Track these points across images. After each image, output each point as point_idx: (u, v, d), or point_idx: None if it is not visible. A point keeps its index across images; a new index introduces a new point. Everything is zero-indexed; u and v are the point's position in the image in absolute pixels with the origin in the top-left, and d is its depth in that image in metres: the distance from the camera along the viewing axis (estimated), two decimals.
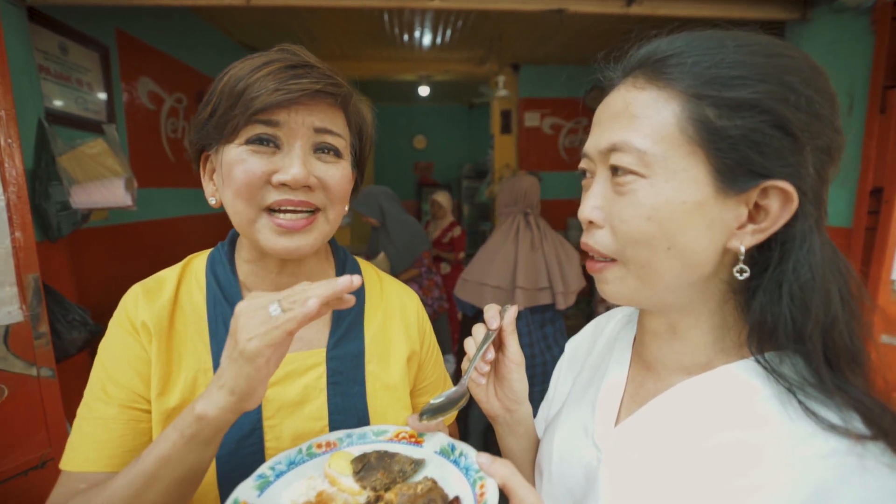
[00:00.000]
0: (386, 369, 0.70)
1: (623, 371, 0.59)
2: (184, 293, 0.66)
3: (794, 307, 0.43)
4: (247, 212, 0.57)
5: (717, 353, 0.50)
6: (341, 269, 0.74)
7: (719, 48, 0.43)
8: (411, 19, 3.37)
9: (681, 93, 0.44)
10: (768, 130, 0.42)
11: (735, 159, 0.42)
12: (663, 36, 0.48)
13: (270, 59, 0.57)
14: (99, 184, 1.72)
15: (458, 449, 0.52)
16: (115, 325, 0.63)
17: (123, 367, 0.60)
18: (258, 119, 0.55)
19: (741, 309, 0.48)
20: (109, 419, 0.58)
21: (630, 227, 0.45)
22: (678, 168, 0.43)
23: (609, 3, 1.75)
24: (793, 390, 0.43)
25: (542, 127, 4.54)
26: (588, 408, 0.60)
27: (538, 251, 1.97)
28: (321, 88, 0.56)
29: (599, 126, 0.50)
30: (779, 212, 0.43)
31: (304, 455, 0.53)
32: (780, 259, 0.44)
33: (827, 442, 0.40)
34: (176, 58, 2.91)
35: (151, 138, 2.69)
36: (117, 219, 2.31)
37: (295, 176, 0.55)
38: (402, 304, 0.77)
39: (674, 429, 0.49)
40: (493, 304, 0.61)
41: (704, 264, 0.46)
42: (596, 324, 0.75)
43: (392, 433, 0.57)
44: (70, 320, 1.56)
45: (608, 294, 0.52)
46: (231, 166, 0.56)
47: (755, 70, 0.42)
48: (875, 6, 1.65)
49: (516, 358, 0.60)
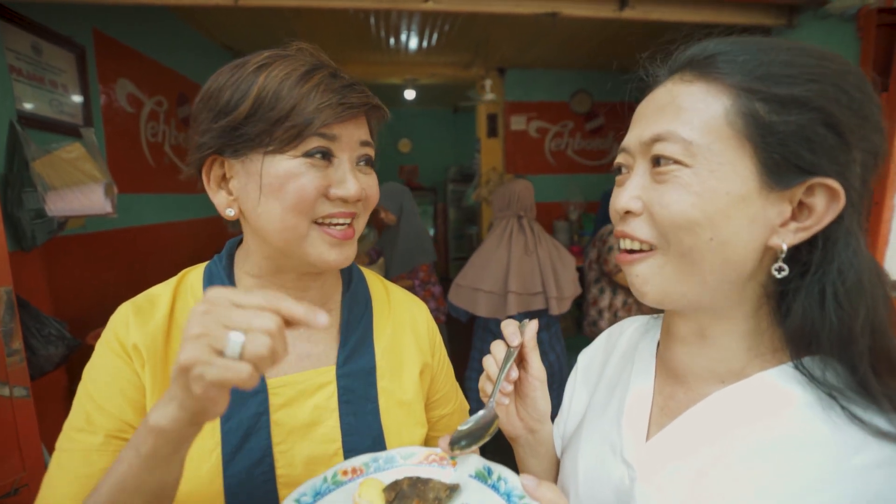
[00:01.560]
0: (399, 384, 0.67)
1: (648, 382, 0.57)
2: (179, 311, 0.61)
3: (840, 310, 0.42)
4: (300, 226, 0.55)
5: (751, 360, 0.49)
6: (348, 280, 0.70)
7: (770, 49, 0.44)
8: (398, 22, 3.35)
9: (730, 87, 0.43)
10: (819, 128, 0.41)
11: (783, 154, 0.42)
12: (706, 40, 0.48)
13: (307, 65, 0.55)
14: (77, 190, 1.63)
15: (496, 472, 0.49)
16: (102, 347, 0.58)
17: (111, 393, 0.55)
18: (320, 132, 0.53)
19: (775, 313, 0.47)
20: (93, 451, 0.53)
21: (672, 210, 0.44)
22: (724, 160, 0.43)
23: (602, 7, 1.75)
24: (835, 396, 0.42)
25: (528, 130, 4.55)
26: (612, 423, 0.57)
27: (532, 255, 1.95)
28: (376, 104, 0.58)
29: (643, 119, 0.49)
30: (824, 210, 0.42)
31: (330, 483, 0.49)
32: (823, 260, 0.44)
33: (881, 450, 0.39)
34: (156, 60, 2.82)
35: (131, 142, 2.59)
36: (95, 226, 2.21)
37: (354, 192, 0.56)
38: (411, 315, 0.73)
39: (712, 441, 0.47)
40: (511, 321, 0.58)
41: (745, 261, 0.45)
42: (608, 335, 0.73)
43: (421, 456, 0.54)
44: (46, 335, 1.48)
45: (639, 287, 0.50)
46: (285, 180, 0.53)
47: (806, 70, 0.42)
48: (859, 13, 1.70)
49: (539, 374, 0.58)
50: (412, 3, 1.70)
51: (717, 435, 0.47)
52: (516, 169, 4.50)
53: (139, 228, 2.61)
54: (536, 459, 0.63)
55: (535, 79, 4.43)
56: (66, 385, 1.81)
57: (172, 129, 2.98)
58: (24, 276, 1.61)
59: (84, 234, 2.15)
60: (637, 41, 0.49)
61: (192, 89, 3.22)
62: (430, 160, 7.03)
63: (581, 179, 4.62)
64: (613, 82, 2.56)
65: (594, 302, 2.79)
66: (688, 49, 0.49)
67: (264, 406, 0.57)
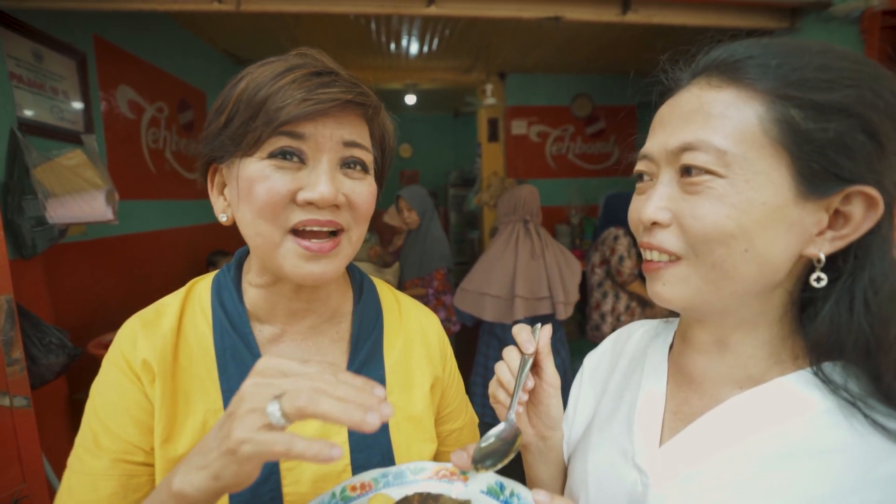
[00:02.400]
0: (409, 399, 0.65)
1: (661, 387, 0.55)
2: (188, 323, 0.59)
3: (871, 318, 0.42)
4: (270, 234, 0.51)
5: (771, 367, 0.48)
6: (358, 291, 0.68)
7: (802, 52, 0.42)
8: (399, 28, 3.35)
9: (763, 93, 0.42)
10: (858, 135, 0.40)
11: (821, 163, 0.41)
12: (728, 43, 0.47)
13: (292, 64, 0.52)
14: (78, 197, 1.62)
15: (508, 488, 0.47)
16: (109, 365, 0.56)
17: (117, 414, 0.53)
18: (283, 131, 0.49)
19: (798, 320, 0.46)
20: (99, 475, 0.52)
21: (706, 224, 0.43)
22: (759, 170, 0.42)
23: (604, 11, 1.75)
24: (856, 403, 0.41)
25: (529, 135, 4.55)
26: (622, 428, 0.56)
27: (539, 260, 1.94)
28: (352, 99, 0.51)
29: (668, 125, 0.47)
30: (862, 219, 0.42)
31: (339, 499, 0.48)
32: (856, 269, 0.43)
33: None
34: (157, 66, 2.81)
35: (131, 149, 2.58)
36: (96, 233, 2.20)
37: (323, 194, 0.50)
38: (421, 328, 0.71)
39: (729, 446, 0.46)
40: (524, 325, 0.56)
41: (778, 271, 0.44)
42: (615, 338, 0.71)
43: (432, 471, 0.52)
44: (47, 343, 1.46)
45: (664, 295, 0.48)
46: (252, 183, 0.50)
47: (843, 74, 0.41)
48: (864, 15, 1.69)
49: (554, 381, 0.57)
50: (415, 8, 1.69)
51: (734, 440, 0.46)
52: (517, 173, 4.49)
53: (140, 235, 2.60)
54: (546, 466, 0.62)
55: (535, 83, 4.44)
56: (67, 394, 1.79)
57: (173, 136, 2.98)
58: (24, 285, 1.59)
59: (85, 241, 2.13)
60: (637, 45, 0.48)
61: (193, 95, 3.22)
62: (431, 165, 7.02)
63: (582, 183, 4.62)
64: (613, 86, 2.63)
65: (597, 306, 2.78)
66: (711, 51, 0.47)
67: None
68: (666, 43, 0.50)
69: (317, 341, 0.62)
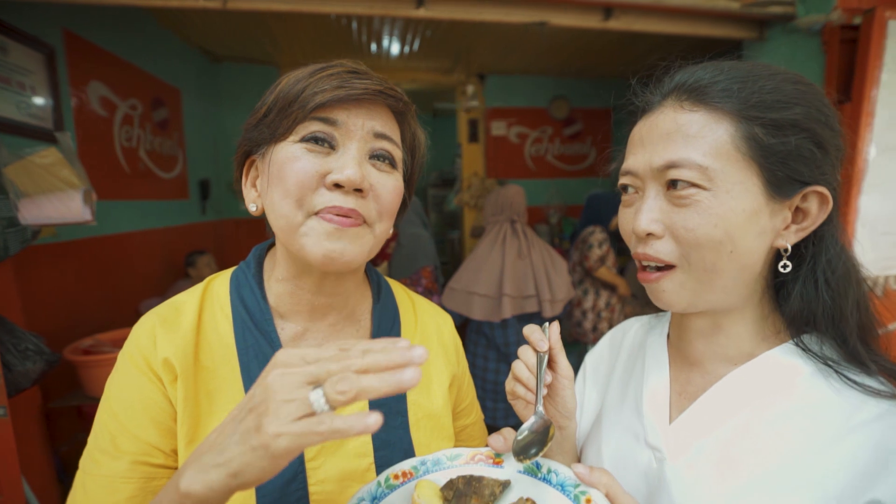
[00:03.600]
0: (428, 397, 0.67)
1: (664, 372, 0.61)
2: (207, 321, 0.59)
3: (833, 294, 0.50)
4: (293, 215, 0.52)
5: (758, 343, 0.55)
6: (376, 292, 0.69)
7: (756, 77, 0.49)
8: (380, 28, 3.35)
9: (730, 114, 0.48)
10: (810, 146, 0.48)
11: (784, 171, 0.48)
12: (692, 65, 0.54)
13: (331, 64, 0.55)
14: (53, 197, 1.55)
15: (545, 466, 0.51)
16: (126, 363, 0.56)
17: (137, 415, 0.53)
18: (316, 116, 0.52)
19: (775, 300, 0.55)
20: (118, 477, 0.51)
21: (698, 234, 0.49)
22: (736, 181, 0.48)
23: (588, 17, 1.81)
24: (831, 365, 0.50)
25: (508, 136, 4.62)
26: (632, 413, 0.61)
27: (525, 259, 1.99)
28: (383, 90, 0.54)
29: (649, 145, 0.53)
30: (817, 212, 0.50)
31: (385, 488, 0.50)
32: (815, 254, 0.51)
33: (878, 405, 0.47)
34: (130, 62, 2.72)
35: (104, 147, 2.49)
36: (67, 235, 2.11)
37: (350, 177, 0.51)
38: (437, 327, 0.73)
39: (732, 416, 0.52)
40: (534, 326, 0.60)
41: (757, 263, 0.51)
42: (611, 337, 0.76)
43: (468, 457, 0.55)
44: (22, 350, 1.40)
45: (667, 301, 0.54)
46: (283, 164, 0.52)
47: (792, 95, 0.48)
48: (824, 29, 1.81)
49: (568, 373, 0.60)
50: (404, 10, 1.70)
51: (736, 409, 0.52)
52: (497, 174, 4.55)
53: (114, 237, 2.51)
54: (562, 455, 0.65)
55: (514, 85, 4.51)
56: (41, 403, 1.71)
57: (148, 134, 2.88)
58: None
59: (56, 243, 2.05)
60: (613, 50, 0.54)
61: (167, 93, 3.13)
62: None
63: (560, 184, 4.72)
64: (590, 89, 2.73)
65: (578, 303, 2.85)
66: (676, 75, 0.54)
67: None
68: (640, 49, 0.56)
69: (338, 339, 0.64)
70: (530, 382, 0.57)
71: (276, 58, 3.88)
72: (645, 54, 3.71)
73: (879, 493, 0.43)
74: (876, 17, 1.72)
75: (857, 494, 0.44)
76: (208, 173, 3.72)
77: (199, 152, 3.60)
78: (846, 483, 0.45)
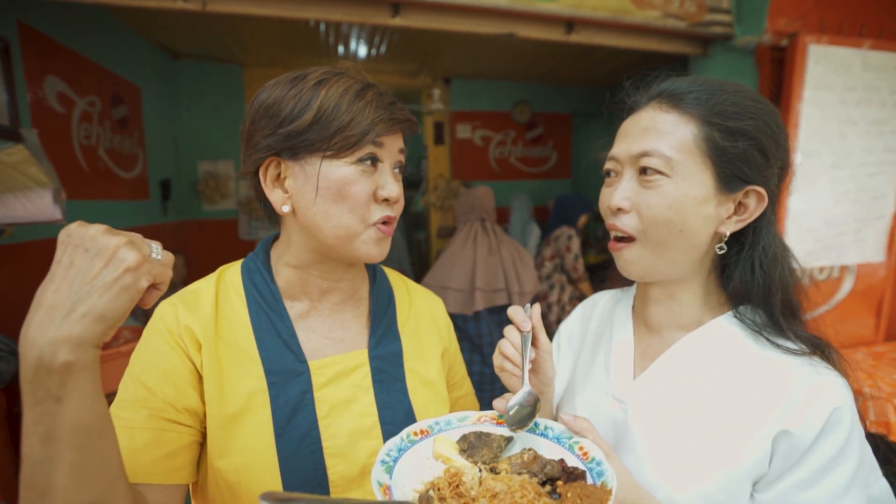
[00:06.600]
0: (424, 365, 0.76)
1: (629, 335, 0.73)
2: (224, 304, 0.67)
3: (765, 275, 0.62)
4: (356, 227, 0.63)
5: (705, 313, 0.67)
6: (373, 276, 0.78)
7: (724, 91, 0.61)
8: (348, 32, 3.38)
9: (697, 118, 0.60)
10: (755, 152, 0.60)
11: (731, 170, 0.60)
12: (675, 78, 0.66)
13: (361, 84, 0.63)
14: (21, 195, 1.52)
15: (542, 424, 0.61)
16: (152, 335, 0.63)
17: (157, 376, 0.60)
18: (374, 141, 0.62)
19: (720, 278, 0.67)
20: (136, 427, 0.58)
21: (655, 212, 0.60)
22: (692, 172, 0.60)
23: (552, 30, 1.95)
24: (761, 331, 0.62)
25: (473, 139, 4.76)
26: (601, 371, 0.73)
27: (496, 255, 2.10)
28: (414, 120, 0.67)
29: (631, 136, 0.64)
30: (755, 208, 0.62)
31: (407, 442, 0.58)
32: (752, 242, 0.63)
33: (793, 360, 0.59)
34: (88, 57, 2.62)
35: (62, 145, 2.39)
36: (23, 236, 2.03)
37: (397, 193, 0.64)
38: (429, 307, 0.83)
39: (685, 374, 0.64)
40: (518, 308, 0.68)
41: (702, 244, 0.63)
42: (583, 308, 0.88)
43: (475, 418, 0.64)
44: None
45: (627, 269, 0.66)
46: (345, 185, 0.61)
47: (748, 109, 0.60)
48: (757, 48, 2.05)
49: (548, 347, 0.70)
50: (380, 18, 1.78)
51: (689, 368, 0.64)
52: (462, 175, 4.67)
53: None
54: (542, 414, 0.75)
55: (478, 89, 4.65)
56: (5, 408, 1.65)
57: (107, 132, 2.78)
58: None
59: (15, 243, 1.96)
60: (573, 58, 0.67)
61: (127, 90, 3.02)
62: None
63: (524, 186, 4.90)
64: (551, 94, 2.96)
65: (544, 297, 3.01)
66: (663, 82, 0.65)
67: (308, 385, 0.65)
68: (596, 58, 0.68)
69: (340, 317, 0.72)
70: (516, 359, 0.66)
71: (240, 57, 3.82)
72: (601, 63, 3.95)
73: (788, 425, 0.55)
74: (799, 41, 1.97)
75: (774, 426, 0.56)
76: (169, 173, 3.61)
77: (160, 152, 3.49)
78: (767, 418, 0.57)
